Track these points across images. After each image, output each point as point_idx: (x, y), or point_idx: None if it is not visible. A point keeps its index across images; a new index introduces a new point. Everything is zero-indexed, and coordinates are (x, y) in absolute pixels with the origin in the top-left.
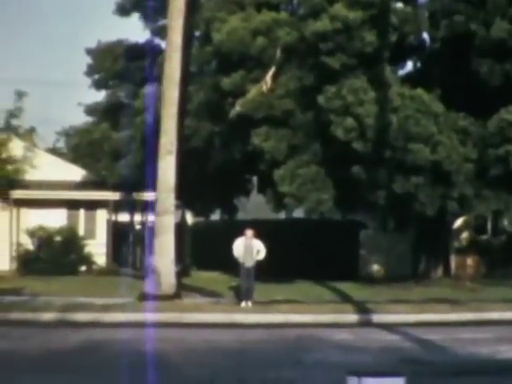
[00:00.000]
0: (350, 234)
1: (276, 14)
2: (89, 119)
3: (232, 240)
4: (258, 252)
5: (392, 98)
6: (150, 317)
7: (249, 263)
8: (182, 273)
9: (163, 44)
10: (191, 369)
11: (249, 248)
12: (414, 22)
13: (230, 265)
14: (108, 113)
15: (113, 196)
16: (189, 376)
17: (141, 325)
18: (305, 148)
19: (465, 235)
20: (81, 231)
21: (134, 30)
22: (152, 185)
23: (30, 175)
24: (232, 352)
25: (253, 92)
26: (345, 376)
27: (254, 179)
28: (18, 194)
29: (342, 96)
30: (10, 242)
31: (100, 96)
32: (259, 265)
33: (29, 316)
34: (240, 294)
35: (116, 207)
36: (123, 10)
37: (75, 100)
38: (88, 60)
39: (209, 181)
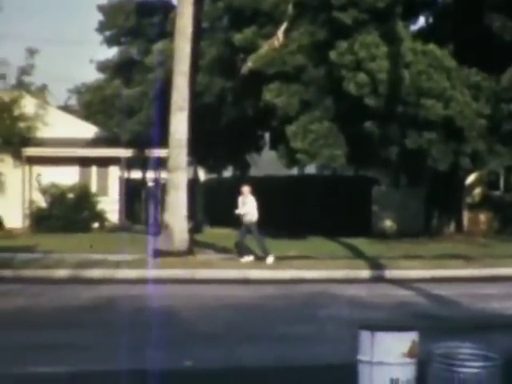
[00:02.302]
0: (363, 190)
1: None
2: (101, 76)
3: None
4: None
5: (404, 54)
6: (162, 273)
7: (244, 219)
8: (194, 229)
9: (175, 0)
10: (203, 325)
11: (242, 204)
12: None
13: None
14: (120, 69)
15: (125, 153)
16: (201, 332)
17: (154, 281)
18: (317, 104)
19: (477, 191)
20: (93, 188)
21: None
22: (164, 141)
23: (42, 133)
24: (244, 308)
25: (265, 48)
26: (358, 331)
27: (266, 135)
28: (30, 151)
29: (354, 51)
30: (22, 200)
31: (112, 53)
32: (272, 221)
33: (42, 273)
34: (241, 250)
35: (128, 164)
36: None
37: (87, 57)
38: (99, 17)
39: (221, 137)
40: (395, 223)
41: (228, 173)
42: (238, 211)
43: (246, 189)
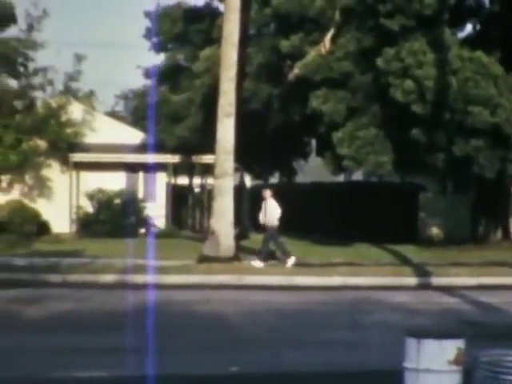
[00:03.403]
0: (409, 197)
1: None
2: (148, 82)
3: (291, 203)
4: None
5: (451, 60)
6: (208, 279)
7: (266, 223)
8: (240, 235)
9: (222, 6)
10: (250, 330)
11: (264, 209)
12: None
13: (288, 227)
14: (167, 76)
15: (172, 159)
16: (247, 337)
17: (200, 287)
18: (364, 110)
19: None
20: (140, 194)
21: None
22: (211, 147)
23: (90, 138)
24: (290, 314)
25: (311, 54)
26: (404, 337)
27: (313, 142)
28: (77, 157)
29: (401, 58)
30: (69, 205)
31: (159, 59)
32: (318, 227)
33: (89, 278)
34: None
35: (175, 170)
36: None
37: (134, 63)
38: (147, 23)
39: (267, 143)
40: (442, 230)
41: (274, 179)
42: (260, 220)
43: (267, 193)
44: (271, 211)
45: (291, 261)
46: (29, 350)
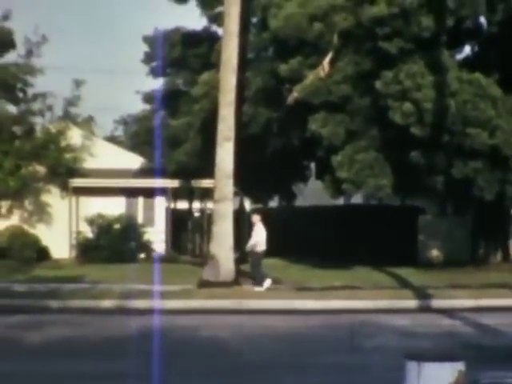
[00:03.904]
0: (409, 219)
1: None
2: (147, 107)
3: (290, 226)
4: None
5: (450, 83)
6: (208, 303)
7: (253, 247)
8: (240, 259)
9: (220, 31)
10: (251, 355)
11: (253, 233)
12: (470, 5)
13: (288, 251)
14: (166, 100)
15: (171, 183)
16: (248, 362)
17: (200, 312)
18: (363, 133)
19: None
20: (140, 219)
21: (191, 17)
22: (210, 172)
23: (89, 163)
24: (291, 338)
25: (310, 78)
26: (404, 361)
27: (312, 165)
28: (76, 182)
29: (400, 81)
30: (69, 230)
31: (157, 84)
32: (318, 251)
33: (89, 303)
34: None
35: (174, 195)
36: None
37: (133, 88)
38: (145, 48)
39: (267, 167)
40: (441, 252)
41: (274, 203)
42: (247, 247)
43: (255, 218)
44: (258, 236)
45: (259, 288)
46: (29, 376)
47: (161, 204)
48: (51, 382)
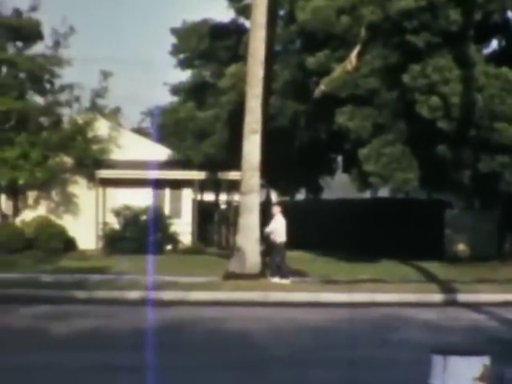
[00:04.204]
0: (436, 214)
1: None
2: (174, 99)
3: (317, 219)
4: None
5: (477, 77)
6: (234, 295)
7: (271, 238)
8: (266, 252)
9: (248, 23)
10: (276, 348)
11: (272, 225)
12: (498, 0)
13: (314, 244)
14: (193, 92)
15: (198, 175)
16: (273, 355)
17: (226, 304)
18: (390, 127)
19: None
20: (166, 210)
21: (219, 10)
22: (237, 164)
23: (116, 155)
24: (317, 331)
25: (337, 71)
26: (429, 355)
27: (339, 158)
28: (103, 173)
29: (427, 75)
30: (96, 222)
31: (185, 75)
32: (345, 244)
33: (115, 294)
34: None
35: (201, 187)
36: None
37: (160, 80)
38: (173, 40)
39: (294, 160)
40: (468, 247)
41: (301, 195)
42: (265, 230)
43: (275, 209)
44: (278, 228)
45: (285, 281)
46: (55, 367)
47: (187, 196)
48: (77, 373)
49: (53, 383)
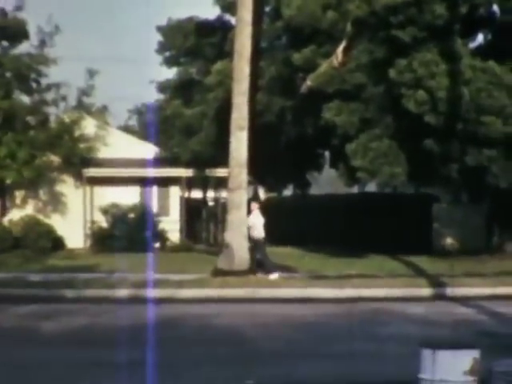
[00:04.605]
0: (423, 208)
1: None
2: (161, 96)
3: (305, 215)
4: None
5: (463, 71)
6: (223, 292)
7: (251, 234)
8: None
9: (233, 20)
10: (266, 343)
11: (251, 222)
12: None
13: (303, 240)
14: (180, 90)
15: (185, 173)
16: (263, 350)
17: (215, 300)
18: (377, 122)
19: None
20: (154, 208)
21: (204, 7)
22: (224, 161)
23: (103, 153)
24: (306, 326)
25: (324, 66)
26: (419, 349)
27: (326, 153)
28: (91, 172)
29: (414, 69)
30: (84, 220)
31: (171, 73)
32: (332, 239)
33: (104, 293)
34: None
35: (189, 184)
36: None
37: (147, 78)
38: (159, 37)
39: (281, 156)
40: (456, 240)
41: (288, 191)
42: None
43: (253, 205)
44: (256, 224)
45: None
46: (44, 365)
47: (175, 193)
48: (66, 371)
49: (43, 380)
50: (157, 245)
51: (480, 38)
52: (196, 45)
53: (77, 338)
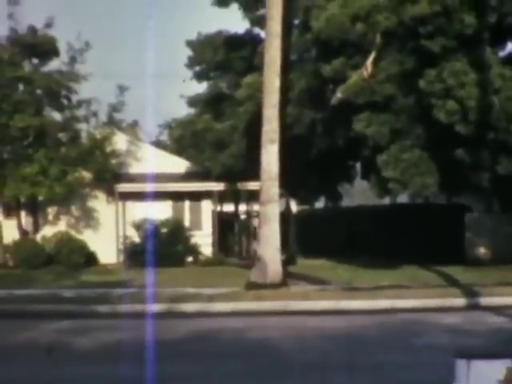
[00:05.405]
0: (455, 218)
1: None
2: (191, 111)
3: (337, 226)
4: None
5: (493, 80)
6: (256, 305)
7: None
8: (287, 261)
9: (263, 33)
10: (301, 355)
11: None
12: None
13: (335, 251)
14: (210, 104)
15: (217, 186)
16: (299, 362)
17: (249, 314)
18: (407, 132)
19: None
20: (186, 222)
21: (234, 21)
22: (255, 174)
23: (134, 168)
24: (341, 338)
25: (353, 78)
26: (453, 359)
27: (358, 165)
28: (122, 187)
29: (443, 79)
30: (116, 235)
31: (202, 87)
32: (365, 250)
33: (137, 307)
34: None
35: (221, 197)
36: (222, 1)
37: (177, 92)
38: (188, 52)
39: (312, 168)
40: (489, 250)
41: (320, 204)
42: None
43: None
44: None
45: None
46: (81, 381)
47: (207, 207)
48: None
49: None
50: (189, 259)
51: (509, 46)
52: (226, 59)
53: (110, 353)
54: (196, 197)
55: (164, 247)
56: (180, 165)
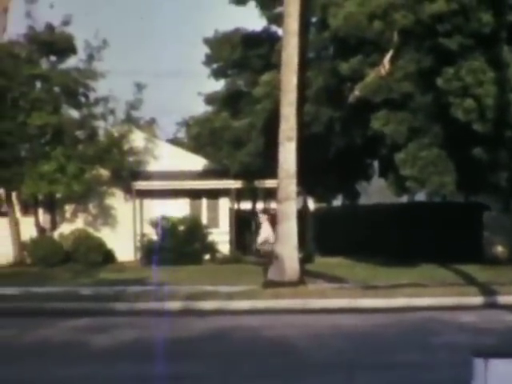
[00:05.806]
0: (473, 216)
1: None
2: (209, 109)
3: (354, 225)
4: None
5: (511, 78)
6: (273, 303)
7: (270, 248)
8: (305, 259)
9: (280, 31)
10: (318, 354)
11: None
12: None
13: (352, 250)
14: (228, 101)
15: (235, 184)
16: (314, 361)
17: (266, 312)
18: (425, 130)
19: None
20: (204, 220)
21: (251, 18)
22: (273, 172)
23: (152, 166)
24: (358, 337)
25: (371, 76)
26: (470, 358)
27: (375, 163)
28: (140, 185)
29: (461, 77)
30: (133, 233)
31: (219, 85)
32: (383, 249)
33: (154, 305)
34: None
35: (238, 195)
36: None
37: (194, 90)
38: (206, 50)
39: (330, 166)
40: (507, 248)
41: (337, 202)
42: (257, 245)
43: (262, 218)
44: (264, 233)
45: None
46: (96, 379)
47: (224, 205)
48: None
49: None
50: (207, 257)
51: None
52: (243, 56)
53: (128, 351)
54: (213, 195)
55: (181, 245)
56: (197, 162)
